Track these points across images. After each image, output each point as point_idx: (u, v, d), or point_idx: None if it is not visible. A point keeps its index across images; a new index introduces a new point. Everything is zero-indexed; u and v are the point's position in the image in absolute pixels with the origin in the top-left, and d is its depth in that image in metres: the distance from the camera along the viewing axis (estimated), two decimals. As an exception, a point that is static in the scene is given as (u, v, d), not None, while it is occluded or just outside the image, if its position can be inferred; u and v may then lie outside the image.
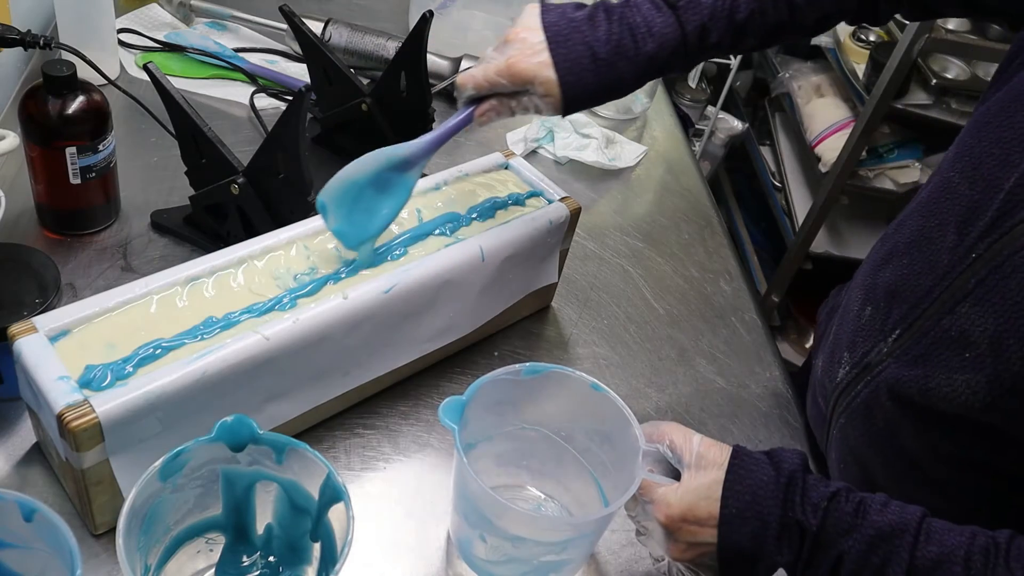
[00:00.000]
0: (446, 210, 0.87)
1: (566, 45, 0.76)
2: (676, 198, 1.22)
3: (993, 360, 0.65)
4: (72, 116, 0.86)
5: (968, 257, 0.68)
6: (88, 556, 0.69)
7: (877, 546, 0.62)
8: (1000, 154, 0.68)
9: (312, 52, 1.05)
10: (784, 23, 0.80)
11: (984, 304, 0.66)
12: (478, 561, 0.72)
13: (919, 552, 0.61)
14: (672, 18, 0.77)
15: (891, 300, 0.77)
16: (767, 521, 0.64)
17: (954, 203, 0.72)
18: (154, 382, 0.65)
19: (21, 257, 0.80)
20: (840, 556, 0.62)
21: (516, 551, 0.68)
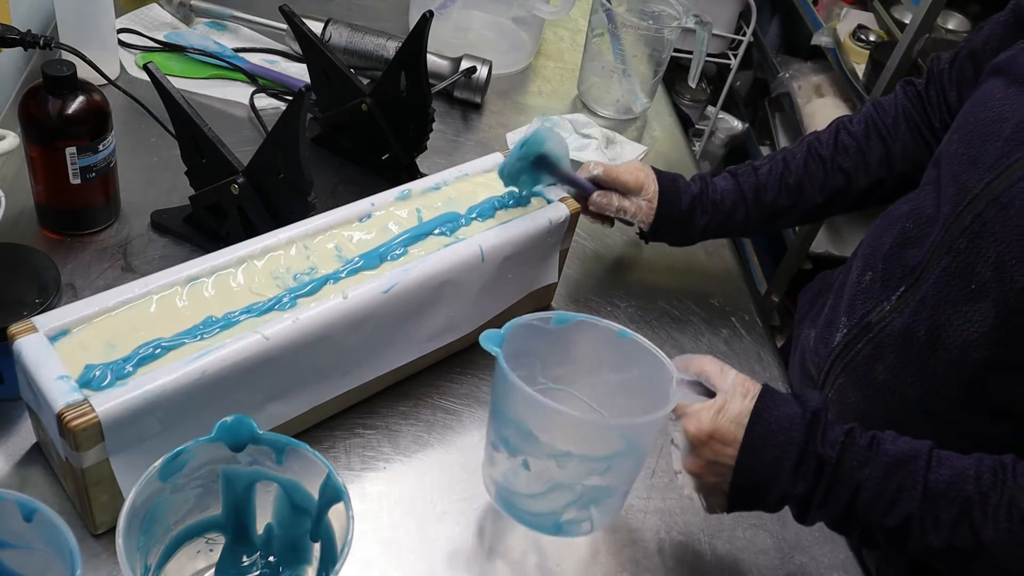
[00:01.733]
0: (446, 210, 0.87)
1: (668, 179, 0.96)
2: (676, 198, 1.22)
3: (998, 284, 0.70)
4: (72, 116, 0.86)
5: (966, 198, 0.74)
6: (88, 556, 0.69)
7: (892, 473, 0.65)
8: (994, 115, 0.75)
9: (312, 52, 1.05)
10: (840, 188, 0.95)
11: (982, 236, 0.72)
12: (519, 500, 0.72)
13: (931, 475, 0.65)
14: (733, 181, 0.96)
15: (894, 262, 0.82)
16: (787, 450, 0.67)
17: (954, 164, 0.77)
18: (154, 382, 0.65)
19: (21, 257, 0.80)
20: (858, 487, 0.65)
21: (561, 473, 0.69)
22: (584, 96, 1.34)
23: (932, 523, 0.64)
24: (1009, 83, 0.75)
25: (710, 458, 0.69)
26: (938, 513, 0.64)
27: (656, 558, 0.79)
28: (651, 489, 0.84)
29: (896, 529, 0.65)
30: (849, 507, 0.66)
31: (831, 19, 2.10)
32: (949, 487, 0.64)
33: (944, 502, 0.64)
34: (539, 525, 0.73)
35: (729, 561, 0.80)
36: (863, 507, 0.66)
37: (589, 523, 0.73)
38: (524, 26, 1.39)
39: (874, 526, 0.66)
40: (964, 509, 0.63)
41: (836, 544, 0.83)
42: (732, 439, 0.68)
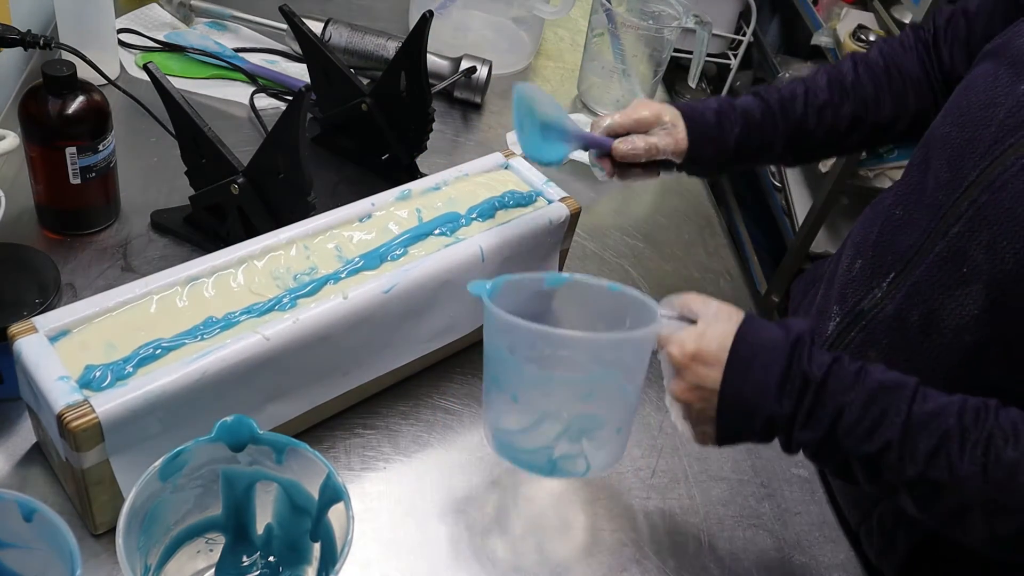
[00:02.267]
0: (446, 210, 0.87)
1: (684, 104, 0.92)
2: (676, 198, 1.22)
3: (989, 266, 0.71)
4: (72, 116, 0.86)
5: (962, 185, 0.74)
6: (88, 556, 0.69)
7: (876, 398, 0.65)
8: (986, 99, 0.75)
9: (312, 52, 1.05)
10: (861, 116, 0.93)
11: (977, 220, 0.72)
12: (513, 439, 0.72)
13: (915, 407, 0.64)
14: (756, 97, 0.93)
15: (884, 249, 0.82)
16: (771, 369, 0.66)
17: (945, 148, 0.78)
18: (154, 382, 0.65)
19: (21, 257, 0.80)
20: (840, 409, 0.65)
21: (546, 400, 0.70)
22: (584, 96, 1.34)
23: (910, 453, 0.64)
24: (1001, 67, 0.76)
25: (694, 381, 0.68)
26: (916, 443, 0.64)
27: (656, 558, 0.79)
28: (651, 489, 0.84)
29: (873, 456, 0.65)
30: (830, 430, 0.65)
31: (831, 19, 2.10)
32: (931, 418, 0.64)
33: (924, 433, 0.64)
34: (535, 464, 0.72)
35: (729, 561, 0.80)
36: (844, 430, 0.65)
37: (584, 461, 0.72)
38: (524, 26, 1.39)
39: (852, 452, 0.65)
40: (942, 441, 0.63)
41: (836, 544, 0.83)
42: (715, 360, 0.68)
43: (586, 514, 0.81)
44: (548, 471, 0.72)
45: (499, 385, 0.71)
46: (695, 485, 0.86)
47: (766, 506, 0.85)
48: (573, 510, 0.81)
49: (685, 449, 0.88)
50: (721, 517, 0.83)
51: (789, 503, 0.86)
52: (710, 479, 0.86)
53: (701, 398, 0.69)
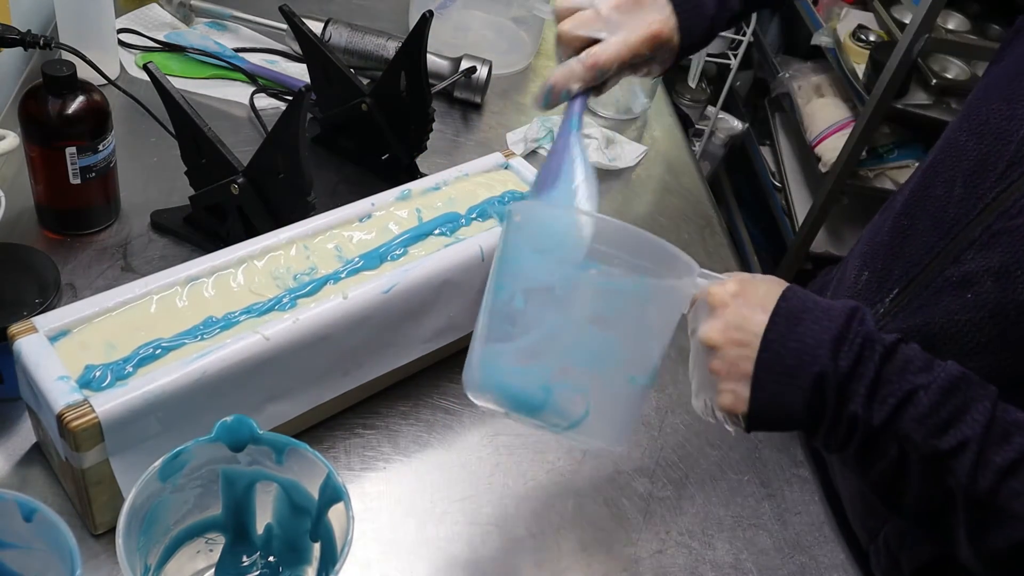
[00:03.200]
0: (446, 210, 0.87)
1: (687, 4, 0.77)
2: (676, 198, 1.22)
3: (998, 294, 0.64)
4: (72, 116, 0.86)
5: (976, 208, 0.68)
6: (88, 556, 0.69)
7: (959, 387, 0.56)
8: (1007, 110, 0.69)
9: (312, 52, 1.05)
10: None
11: (990, 247, 0.66)
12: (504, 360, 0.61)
13: (999, 411, 0.56)
14: None
15: (891, 261, 0.77)
16: (826, 325, 0.56)
17: (961, 160, 0.72)
18: (154, 382, 0.65)
19: (21, 257, 0.80)
20: (915, 389, 0.56)
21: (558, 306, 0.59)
22: (584, 96, 1.34)
23: (984, 461, 0.54)
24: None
25: (733, 322, 0.58)
26: (995, 453, 0.54)
27: (656, 558, 0.79)
28: (651, 488, 0.84)
29: (942, 455, 0.54)
30: (897, 411, 0.55)
31: (831, 19, 2.11)
32: (1015, 429, 0.55)
33: (1005, 443, 0.54)
34: (525, 393, 0.60)
35: (729, 561, 0.80)
36: (913, 416, 0.55)
37: (584, 401, 0.60)
38: (524, 26, 1.39)
39: (916, 446, 0.55)
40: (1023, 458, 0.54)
41: (836, 544, 0.83)
42: (760, 304, 0.58)
43: (586, 514, 0.81)
44: (540, 403, 0.60)
45: (502, 295, 0.60)
46: (695, 485, 0.86)
47: (766, 506, 0.85)
48: (573, 510, 0.81)
49: (685, 449, 0.88)
50: (721, 517, 0.83)
51: (789, 503, 0.86)
52: (710, 479, 0.86)
53: (738, 342, 0.59)
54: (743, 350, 0.59)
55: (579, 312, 0.59)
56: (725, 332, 0.59)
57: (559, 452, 0.85)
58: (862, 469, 0.59)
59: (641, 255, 0.60)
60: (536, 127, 1.23)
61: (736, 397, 0.60)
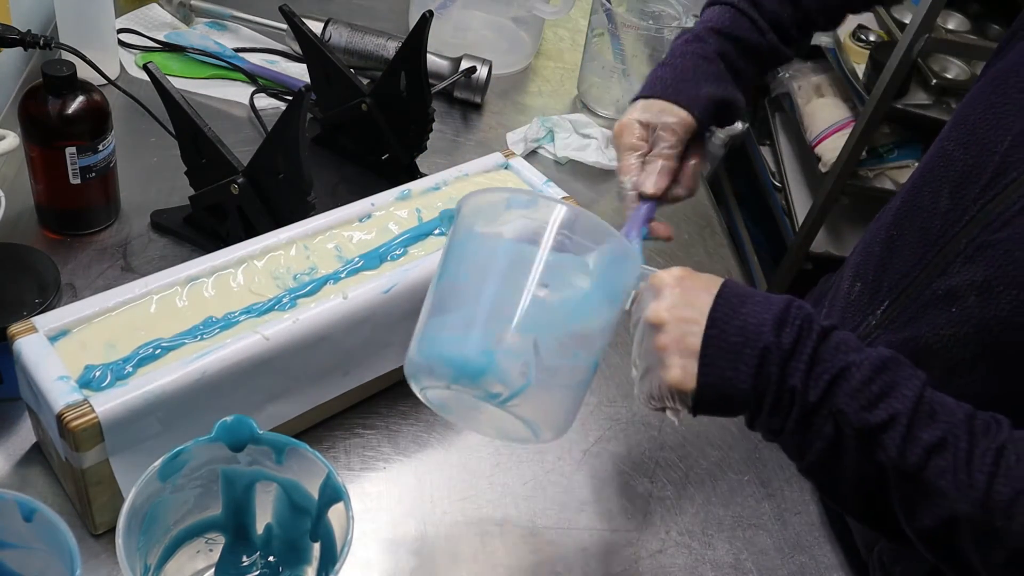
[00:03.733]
0: (446, 210, 0.87)
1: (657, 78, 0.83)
2: (676, 198, 1.22)
3: (980, 310, 0.66)
4: (72, 116, 0.86)
5: (962, 220, 0.69)
6: (88, 556, 0.69)
7: (888, 366, 0.58)
8: (994, 119, 0.69)
9: (312, 52, 1.05)
10: None
11: (975, 260, 0.67)
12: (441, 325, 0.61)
13: (927, 392, 0.58)
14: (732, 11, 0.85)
15: (881, 272, 0.78)
16: (768, 307, 0.60)
17: (948, 170, 0.73)
18: (154, 382, 0.65)
19: (21, 257, 0.80)
20: (848, 366, 0.58)
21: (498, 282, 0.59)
22: (584, 96, 1.34)
23: (912, 438, 0.56)
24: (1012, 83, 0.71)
25: (679, 300, 0.61)
26: (921, 430, 0.56)
27: (656, 558, 0.79)
28: (650, 488, 0.84)
29: (874, 429, 0.56)
30: (830, 386, 0.57)
31: (831, 19, 2.10)
32: (942, 408, 0.57)
33: (932, 422, 0.56)
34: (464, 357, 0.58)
35: (729, 561, 0.80)
36: (847, 391, 0.57)
37: (528, 368, 0.58)
38: (524, 26, 1.39)
39: (849, 420, 0.57)
40: (950, 436, 0.56)
41: (836, 544, 0.83)
42: (705, 286, 0.61)
43: (586, 514, 0.81)
44: (480, 368, 0.57)
45: (447, 273, 0.62)
46: (695, 485, 0.86)
47: (766, 506, 0.85)
48: (573, 510, 0.81)
49: (685, 449, 0.88)
50: (721, 517, 0.83)
51: (789, 503, 0.86)
52: (710, 479, 0.86)
53: (686, 319, 0.60)
54: (690, 326, 0.60)
55: (521, 281, 0.59)
56: (672, 309, 0.61)
57: (559, 452, 0.85)
58: (800, 452, 0.61)
59: (587, 236, 0.62)
60: (536, 127, 1.23)
61: (684, 372, 0.60)
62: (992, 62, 0.78)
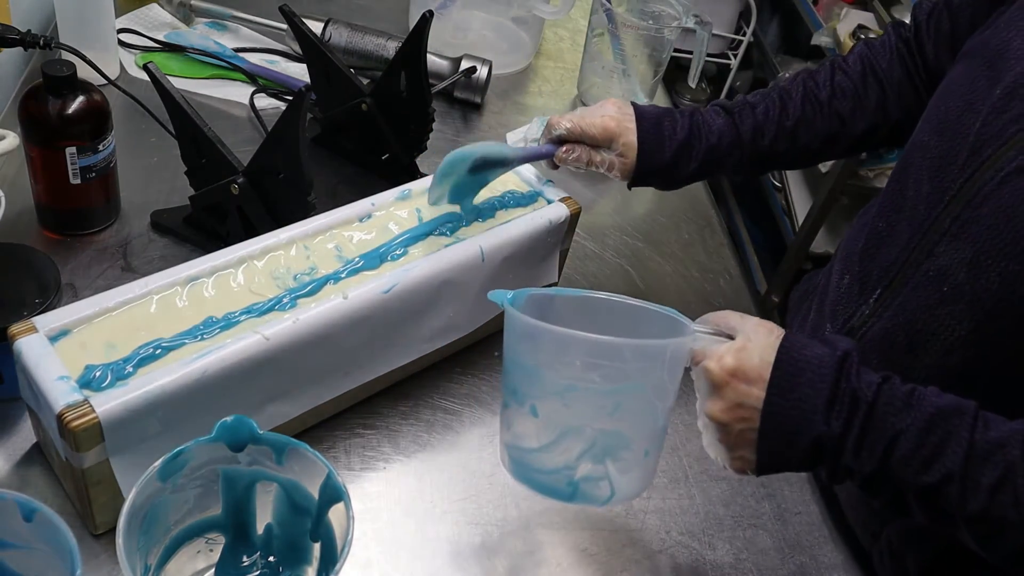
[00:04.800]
0: (446, 210, 0.87)
1: (650, 125, 0.88)
2: (676, 198, 1.22)
3: (971, 286, 0.68)
4: (72, 116, 0.86)
5: (943, 200, 0.72)
6: (88, 556, 0.69)
7: (936, 424, 0.60)
8: (963, 105, 0.72)
9: (312, 52, 1.05)
10: (835, 133, 0.91)
11: (960, 238, 0.69)
12: (532, 458, 0.68)
13: (978, 435, 0.60)
14: (728, 120, 0.89)
15: (869, 263, 0.80)
16: (818, 387, 0.62)
17: (925, 158, 0.75)
18: (154, 382, 0.65)
19: (21, 257, 0.80)
20: (896, 435, 0.61)
21: (568, 414, 0.66)
22: (584, 96, 1.34)
23: (972, 486, 0.59)
24: (978, 68, 0.73)
25: (734, 400, 0.64)
26: (980, 475, 0.59)
27: (656, 558, 0.79)
28: (651, 489, 0.84)
29: (932, 488, 0.60)
30: (884, 458, 0.61)
31: (831, 19, 2.10)
32: (995, 448, 0.59)
33: (988, 464, 0.59)
34: (555, 488, 0.68)
35: (729, 561, 0.80)
36: (900, 459, 0.60)
37: (608, 484, 0.68)
38: (524, 26, 1.39)
39: (908, 483, 0.61)
40: (1008, 473, 0.58)
41: (836, 544, 0.83)
42: (757, 376, 0.63)
43: (586, 514, 0.81)
44: (569, 495, 0.68)
45: (518, 398, 0.68)
46: (695, 485, 0.86)
47: (766, 506, 0.85)
48: (573, 510, 0.81)
49: (685, 449, 0.88)
50: (721, 517, 0.83)
51: (789, 503, 0.86)
52: (710, 479, 0.86)
53: (741, 418, 0.65)
54: (746, 424, 0.65)
55: (587, 416, 0.66)
56: (727, 411, 0.65)
57: (559, 452, 0.85)
58: (868, 498, 0.66)
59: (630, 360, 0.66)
60: (536, 127, 1.23)
61: (744, 462, 0.66)
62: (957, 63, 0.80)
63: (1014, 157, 0.67)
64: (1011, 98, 0.68)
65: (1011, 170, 0.66)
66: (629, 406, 0.67)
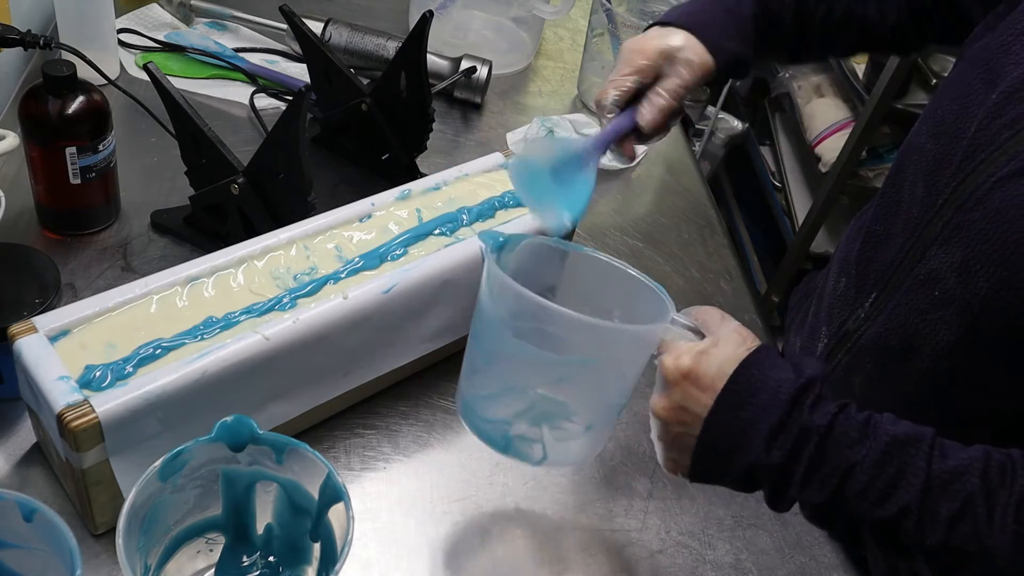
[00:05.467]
0: (446, 210, 0.87)
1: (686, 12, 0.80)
2: (676, 198, 1.22)
3: (961, 291, 0.67)
4: (72, 116, 0.86)
5: (935, 204, 0.71)
6: (88, 556, 0.69)
7: (891, 455, 0.58)
8: (959, 108, 0.71)
9: (312, 52, 1.05)
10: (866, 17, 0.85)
11: (951, 242, 0.68)
12: (476, 403, 0.68)
13: (935, 465, 0.58)
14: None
15: (866, 266, 0.79)
16: (767, 412, 0.59)
17: (921, 161, 0.74)
18: (154, 382, 0.65)
19: (21, 257, 0.80)
20: (850, 468, 0.58)
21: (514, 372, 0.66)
22: (584, 96, 1.34)
23: (930, 518, 0.57)
24: (975, 71, 0.72)
25: (680, 402, 0.62)
26: (938, 507, 0.57)
27: (656, 558, 0.79)
28: (650, 488, 0.84)
29: (888, 521, 0.58)
30: (837, 490, 0.59)
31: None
32: (953, 478, 0.58)
33: (946, 495, 0.57)
34: (490, 436, 0.67)
35: (729, 561, 0.80)
36: (854, 492, 0.58)
37: (541, 448, 0.66)
38: (524, 26, 1.39)
39: (862, 517, 0.59)
40: (967, 505, 0.57)
41: (836, 544, 0.83)
42: (709, 386, 0.61)
43: (586, 514, 0.81)
44: (502, 447, 0.67)
45: (478, 342, 0.68)
46: (695, 485, 0.85)
47: (766, 506, 0.85)
48: (573, 510, 0.81)
49: (685, 449, 0.88)
50: (721, 517, 0.83)
51: (789, 503, 0.86)
52: (710, 479, 0.86)
53: (682, 421, 0.63)
54: (685, 429, 0.63)
55: (531, 379, 0.66)
56: (671, 410, 0.63)
57: (559, 452, 0.85)
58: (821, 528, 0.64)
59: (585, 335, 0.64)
60: (536, 127, 1.23)
61: (677, 465, 0.65)
62: (956, 64, 0.80)
63: (1006, 162, 0.66)
64: (1007, 103, 0.67)
65: (1003, 175, 0.65)
66: (577, 379, 0.65)
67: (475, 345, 0.69)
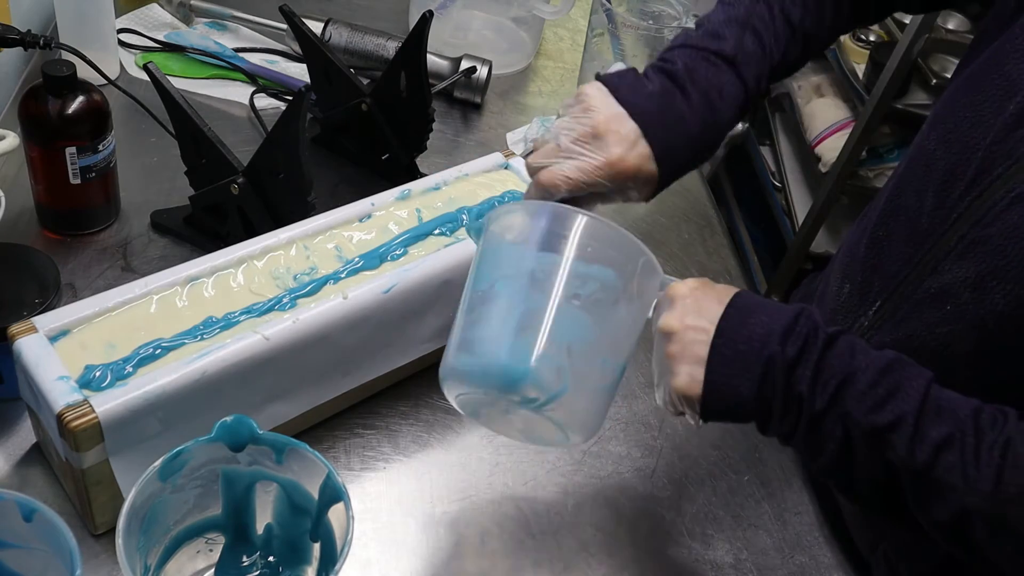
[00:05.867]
0: (446, 210, 0.87)
1: (663, 131, 0.74)
2: (676, 198, 1.22)
3: (975, 306, 0.66)
4: (72, 116, 0.86)
5: (950, 218, 0.69)
6: (88, 556, 0.69)
7: (892, 368, 0.60)
8: (973, 117, 0.69)
9: (312, 52, 1.05)
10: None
11: (966, 257, 0.68)
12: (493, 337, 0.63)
13: (933, 391, 0.59)
14: (734, 76, 0.76)
15: (871, 273, 0.78)
16: (777, 317, 0.62)
17: (931, 169, 0.73)
18: (154, 382, 0.65)
19: (21, 257, 0.80)
20: (852, 372, 0.60)
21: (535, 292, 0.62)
22: (584, 96, 1.34)
23: (921, 436, 0.58)
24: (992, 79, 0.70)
25: (692, 309, 0.63)
26: (929, 428, 0.58)
27: (656, 558, 0.79)
28: (650, 489, 0.84)
29: (882, 430, 0.58)
30: (837, 393, 0.59)
31: (831, 19, 2.10)
32: (948, 405, 0.59)
33: (939, 419, 0.58)
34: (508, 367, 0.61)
35: (729, 561, 0.80)
36: (854, 395, 0.59)
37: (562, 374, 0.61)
38: (524, 26, 1.39)
39: (858, 423, 0.59)
40: (957, 433, 0.58)
41: (836, 545, 0.83)
42: (718, 296, 0.63)
43: (585, 514, 0.81)
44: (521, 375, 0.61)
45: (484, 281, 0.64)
46: (695, 485, 0.86)
47: (766, 506, 0.85)
48: (572, 510, 0.81)
49: (685, 449, 0.88)
50: (721, 517, 0.83)
51: (789, 503, 0.86)
52: (710, 479, 0.86)
53: (695, 328, 0.63)
54: (698, 335, 0.63)
55: (552, 291, 0.63)
56: (682, 319, 0.63)
57: (559, 452, 0.85)
58: (812, 454, 0.63)
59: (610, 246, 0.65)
60: (536, 127, 1.23)
61: (691, 379, 0.63)
62: (966, 61, 0.78)
63: None
64: None
65: (1022, 191, 0.64)
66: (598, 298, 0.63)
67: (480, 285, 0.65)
